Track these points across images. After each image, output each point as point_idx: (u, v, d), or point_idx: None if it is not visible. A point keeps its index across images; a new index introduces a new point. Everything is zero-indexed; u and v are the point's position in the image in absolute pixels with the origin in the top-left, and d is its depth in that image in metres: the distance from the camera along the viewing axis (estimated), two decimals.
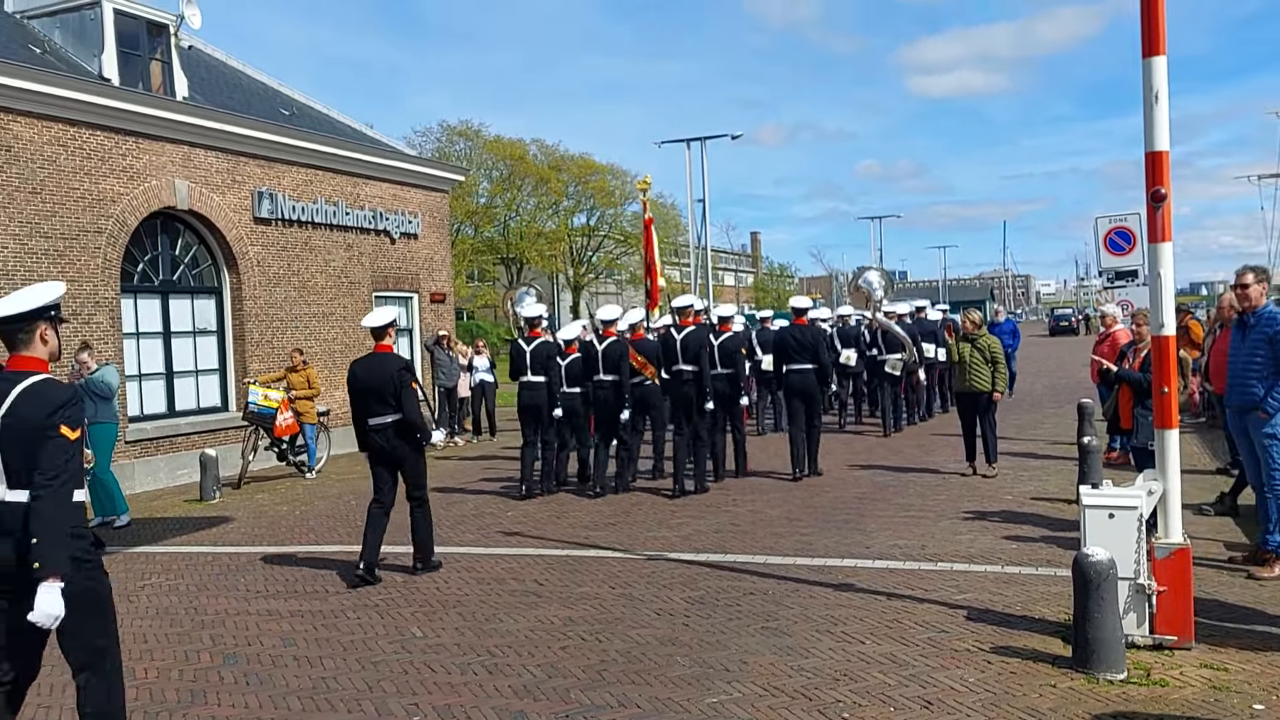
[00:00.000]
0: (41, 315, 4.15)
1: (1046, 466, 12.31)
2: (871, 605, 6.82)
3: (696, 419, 11.58)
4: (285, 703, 5.54)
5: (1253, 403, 7.17)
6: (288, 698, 5.60)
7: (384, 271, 19.60)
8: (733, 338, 12.25)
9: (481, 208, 48.13)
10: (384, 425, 8.17)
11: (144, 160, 14.72)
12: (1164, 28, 5.75)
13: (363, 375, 8.26)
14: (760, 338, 16.13)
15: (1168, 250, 5.87)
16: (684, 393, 11.57)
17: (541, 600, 7.30)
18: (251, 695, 5.67)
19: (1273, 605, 6.49)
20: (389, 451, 8.23)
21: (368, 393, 8.19)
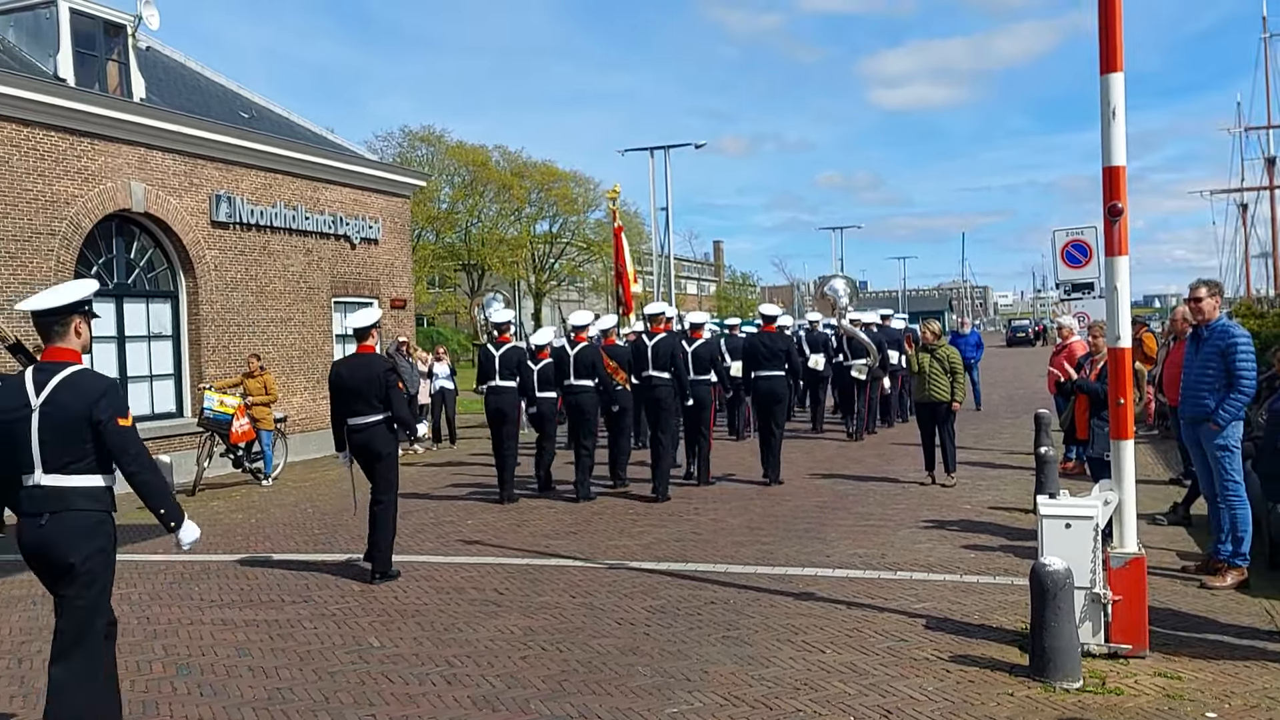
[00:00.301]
0: (76, 310, 4.57)
1: (1004, 476, 12.43)
2: (832, 614, 6.84)
3: (663, 423, 11.79)
4: (240, 713, 5.46)
5: (1205, 414, 7.28)
6: (242, 708, 5.52)
7: (344, 277, 19.45)
8: (704, 344, 12.53)
9: (443, 213, 47.95)
10: (364, 425, 8.26)
11: (99, 162, 14.51)
12: (1121, 44, 5.83)
13: (346, 375, 8.36)
14: (729, 344, 16.35)
15: (1124, 264, 5.94)
16: (653, 398, 11.82)
17: (501, 609, 7.25)
18: (205, 706, 5.58)
19: (1224, 614, 6.59)
20: (366, 451, 8.30)
21: (351, 392, 8.29)
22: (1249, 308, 32.17)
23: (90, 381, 4.48)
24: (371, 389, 8.22)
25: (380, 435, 8.31)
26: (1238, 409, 7.17)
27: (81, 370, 4.51)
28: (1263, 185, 57.61)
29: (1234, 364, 7.12)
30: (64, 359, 4.52)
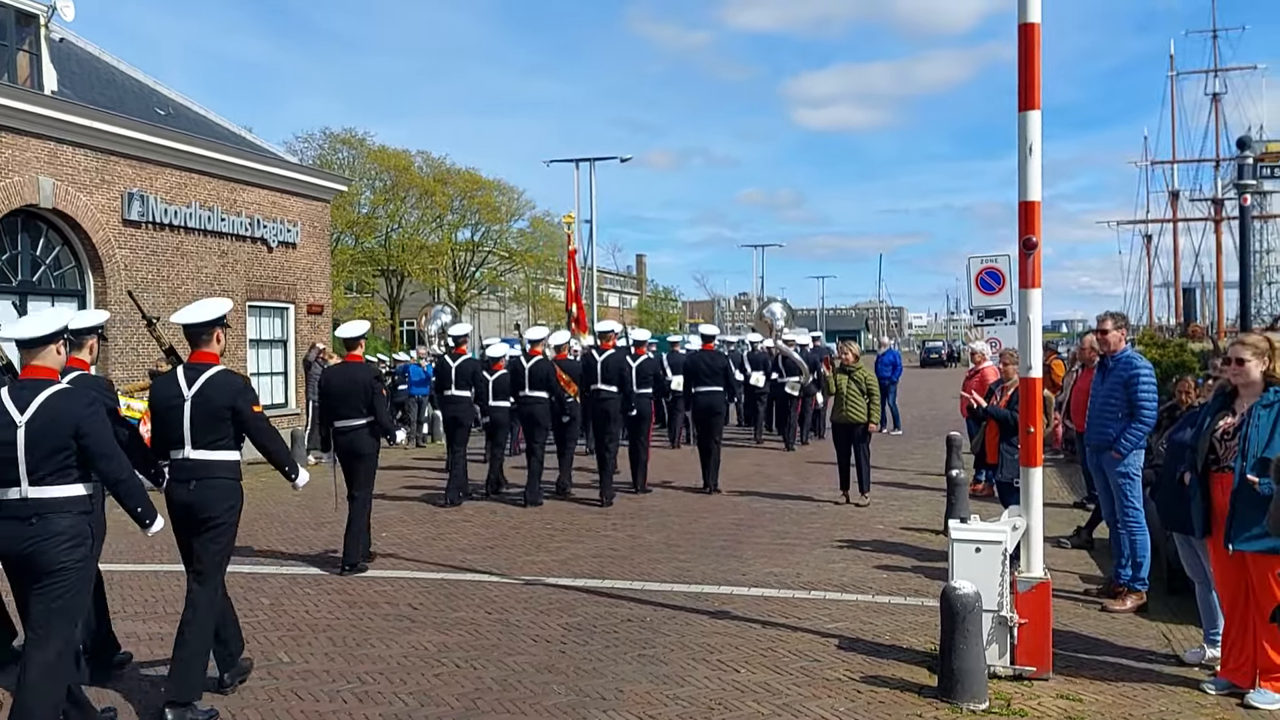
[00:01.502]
0: (218, 323, 5.80)
1: (916, 497, 12.67)
2: (747, 633, 6.90)
3: (608, 434, 12.43)
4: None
5: (1108, 442, 7.53)
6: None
7: (259, 281, 19.09)
8: (647, 360, 13.27)
9: (363, 218, 47.21)
10: (350, 428, 9.01)
11: (6, 155, 14.05)
12: (1039, 83, 6.02)
13: (336, 382, 9.17)
14: (671, 360, 17.22)
15: (1037, 296, 6.12)
16: (601, 409, 12.44)
17: (415, 625, 7.17)
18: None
19: (1123, 637, 6.80)
20: (350, 451, 9.03)
21: (338, 398, 9.06)
22: (1151, 337, 33.29)
23: (231, 379, 5.70)
24: (358, 395, 8.98)
25: (363, 438, 9.05)
26: (1139, 438, 7.43)
27: (223, 370, 5.73)
28: (1166, 218, 59.90)
29: (1136, 395, 7.37)
30: (209, 361, 5.70)
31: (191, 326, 5.71)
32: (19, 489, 4.71)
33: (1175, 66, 58.57)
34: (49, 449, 4.71)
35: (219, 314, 5.76)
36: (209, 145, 17.98)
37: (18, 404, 4.75)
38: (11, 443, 4.69)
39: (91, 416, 4.82)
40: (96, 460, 4.81)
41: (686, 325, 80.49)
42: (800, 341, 19.37)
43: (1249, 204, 13.99)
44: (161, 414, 5.65)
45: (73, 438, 4.72)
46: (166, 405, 5.64)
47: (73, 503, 4.80)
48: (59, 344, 5.02)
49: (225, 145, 18.67)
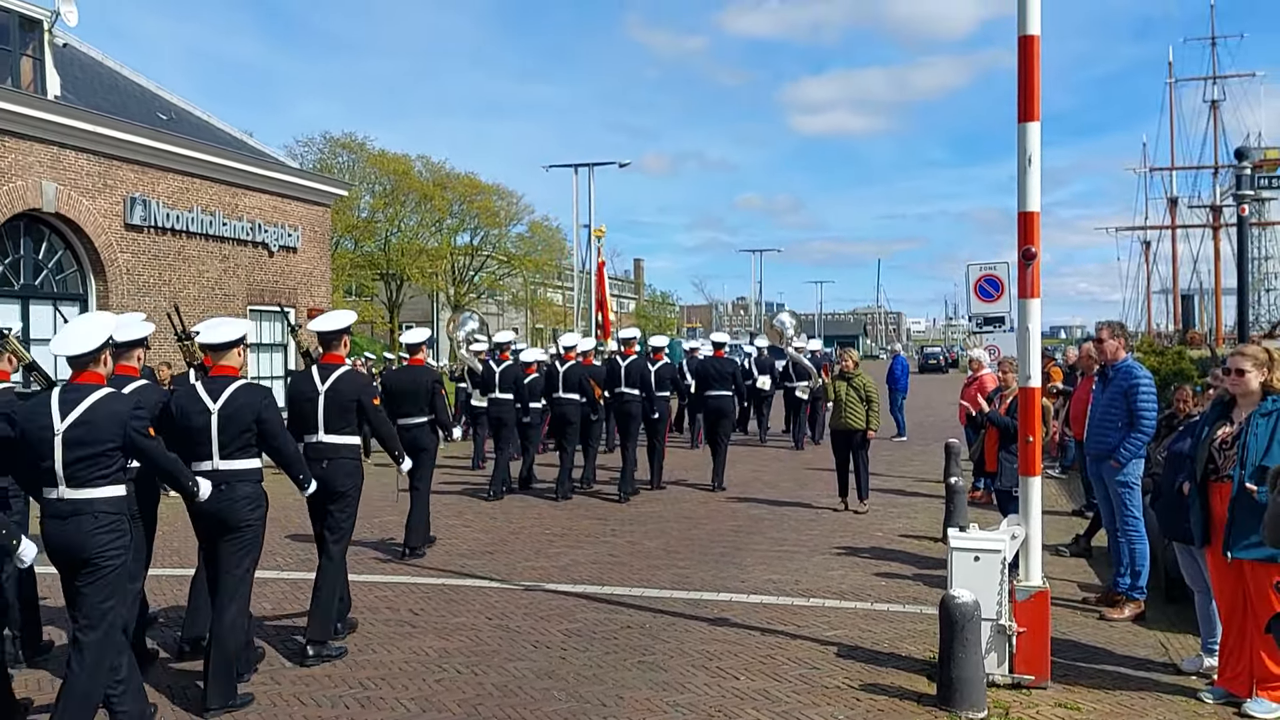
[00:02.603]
0: (346, 330, 6.96)
1: (915, 504, 12.69)
2: (746, 640, 6.93)
3: (630, 434, 13.26)
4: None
5: (1108, 451, 7.56)
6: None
7: (260, 285, 19.13)
8: (664, 365, 13.94)
9: (362, 222, 47.27)
10: (413, 425, 9.75)
11: (9, 160, 14.09)
12: (1039, 95, 6.06)
13: (400, 383, 9.99)
14: (686, 366, 17.94)
15: (1036, 306, 6.16)
16: (625, 411, 13.30)
17: (416, 631, 7.20)
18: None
19: (1122, 646, 6.83)
20: (413, 446, 9.58)
21: (402, 396, 9.83)
22: (1150, 344, 33.33)
23: (358, 376, 6.88)
24: (421, 395, 9.82)
25: (425, 434, 9.91)
26: (1138, 447, 7.46)
27: (350, 370, 6.85)
28: (1165, 224, 59.99)
29: (1136, 404, 7.41)
30: (338, 362, 6.88)
31: (326, 334, 6.81)
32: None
33: (1174, 73, 58.72)
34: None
35: (346, 324, 6.89)
36: (211, 150, 18.03)
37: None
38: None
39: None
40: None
41: (684, 330, 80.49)
42: (810, 348, 20.68)
43: (1247, 213, 14.04)
44: (299, 406, 6.81)
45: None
46: (304, 399, 6.81)
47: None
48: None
49: (227, 150, 18.72)
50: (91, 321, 5.31)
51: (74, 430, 4.86)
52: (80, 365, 5.06)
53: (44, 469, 4.90)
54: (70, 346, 5.05)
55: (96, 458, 4.89)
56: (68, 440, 4.86)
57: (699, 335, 56.93)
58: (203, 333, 6.15)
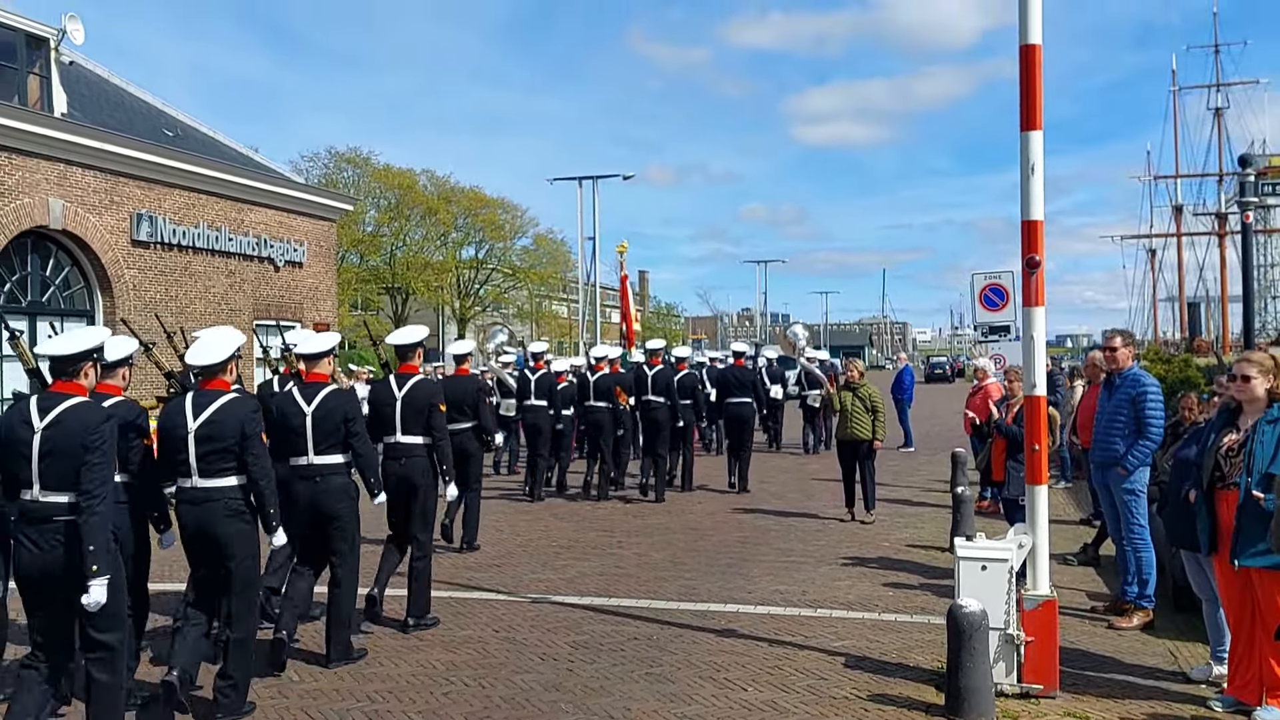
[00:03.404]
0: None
1: (921, 514, 12.67)
2: (753, 651, 6.92)
3: (660, 440, 13.85)
4: None
5: (1114, 459, 7.55)
6: None
7: (266, 300, 19.19)
8: (688, 375, 14.59)
9: (368, 236, 47.40)
10: (460, 430, 10.00)
11: (16, 177, 14.16)
12: (1041, 104, 6.07)
13: (447, 391, 9.86)
14: (707, 375, 18.35)
15: (1040, 314, 6.16)
16: (652, 418, 13.91)
17: (424, 644, 7.20)
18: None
19: (1130, 655, 6.81)
20: (461, 451, 9.91)
21: (450, 404, 9.61)
22: (1156, 352, 33.27)
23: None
24: (466, 402, 10.23)
25: (470, 439, 10.32)
26: (1145, 455, 7.45)
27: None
28: (1170, 232, 59.98)
29: (1144, 412, 7.40)
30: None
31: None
32: (307, 457, 6.54)
33: (1177, 81, 58.78)
34: (331, 430, 6.45)
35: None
36: (217, 166, 18.11)
37: (305, 400, 6.58)
38: (303, 422, 6.52)
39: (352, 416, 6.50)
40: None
41: (689, 341, 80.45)
42: (821, 358, 21.76)
43: (1251, 220, 14.03)
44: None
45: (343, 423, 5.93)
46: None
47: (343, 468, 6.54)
48: (329, 358, 6.51)
49: (232, 166, 18.81)
50: (221, 335, 6.09)
51: (204, 429, 5.67)
52: (211, 374, 5.87)
53: (180, 461, 5.71)
54: (203, 357, 5.87)
55: (222, 452, 5.66)
56: (199, 437, 5.67)
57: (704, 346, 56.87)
58: (299, 344, 7.10)
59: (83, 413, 4.91)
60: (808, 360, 20.28)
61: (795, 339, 20.40)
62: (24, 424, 4.90)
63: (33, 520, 4.87)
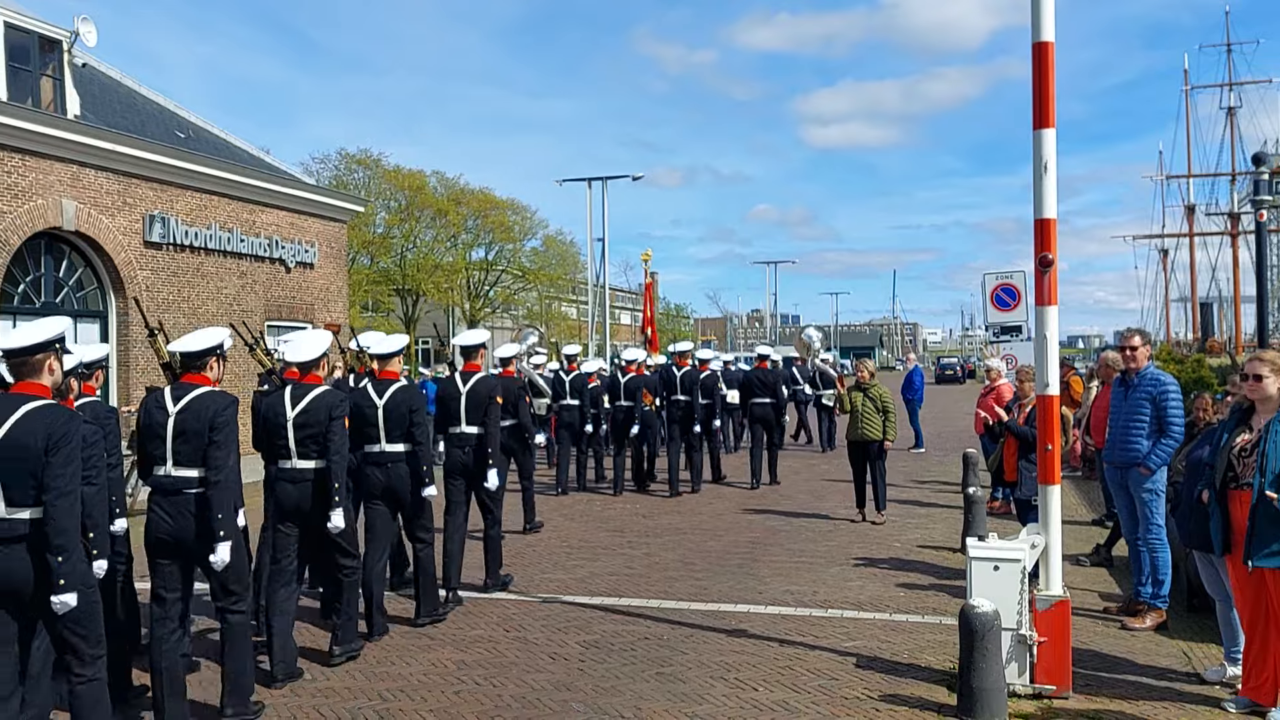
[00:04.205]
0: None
1: (933, 514, 12.64)
2: (764, 651, 6.91)
3: (689, 436, 14.70)
4: None
5: (1135, 459, 7.51)
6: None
7: (278, 301, 19.24)
8: (710, 375, 15.28)
9: (378, 238, 47.47)
10: (504, 427, 10.15)
11: (30, 178, 14.23)
12: (1054, 102, 6.06)
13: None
14: (727, 376, 18.76)
15: (1053, 313, 6.14)
16: (678, 415, 14.69)
17: (435, 643, 7.21)
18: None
19: (1144, 655, 6.78)
20: (505, 448, 10.46)
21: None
22: (1169, 353, 33.13)
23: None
24: (509, 402, 10.77)
25: (516, 435, 11.06)
26: (1168, 454, 7.41)
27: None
28: (1183, 232, 59.74)
29: (1166, 411, 7.37)
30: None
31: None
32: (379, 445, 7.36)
33: (1189, 80, 58.62)
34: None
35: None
36: (228, 167, 18.16)
37: (377, 393, 7.37)
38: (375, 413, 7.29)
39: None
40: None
41: (699, 343, 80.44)
42: (833, 359, 22.74)
43: (1265, 219, 13.96)
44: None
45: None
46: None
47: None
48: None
49: (244, 167, 18.86)
50: (315, 336, 6.90)
51: (300, 416, 6.45)
52: (306, 369, 6.65)
53: (279, 445, 6.47)
54: (300, 355, 6.65)
55: (315, 438, 6.43)
56: (297, 424, 6.46)
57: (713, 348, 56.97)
58: (373, 345, 7.91)
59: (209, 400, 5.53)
60: (821, 361, 21.45)
61: (810, 341, 21.87)
62: (160, 409, 5.55)
63: (166, 492, 5.50)
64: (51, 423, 4.50)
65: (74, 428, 4.56)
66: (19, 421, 4.47)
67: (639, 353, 16.00)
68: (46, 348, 4.68)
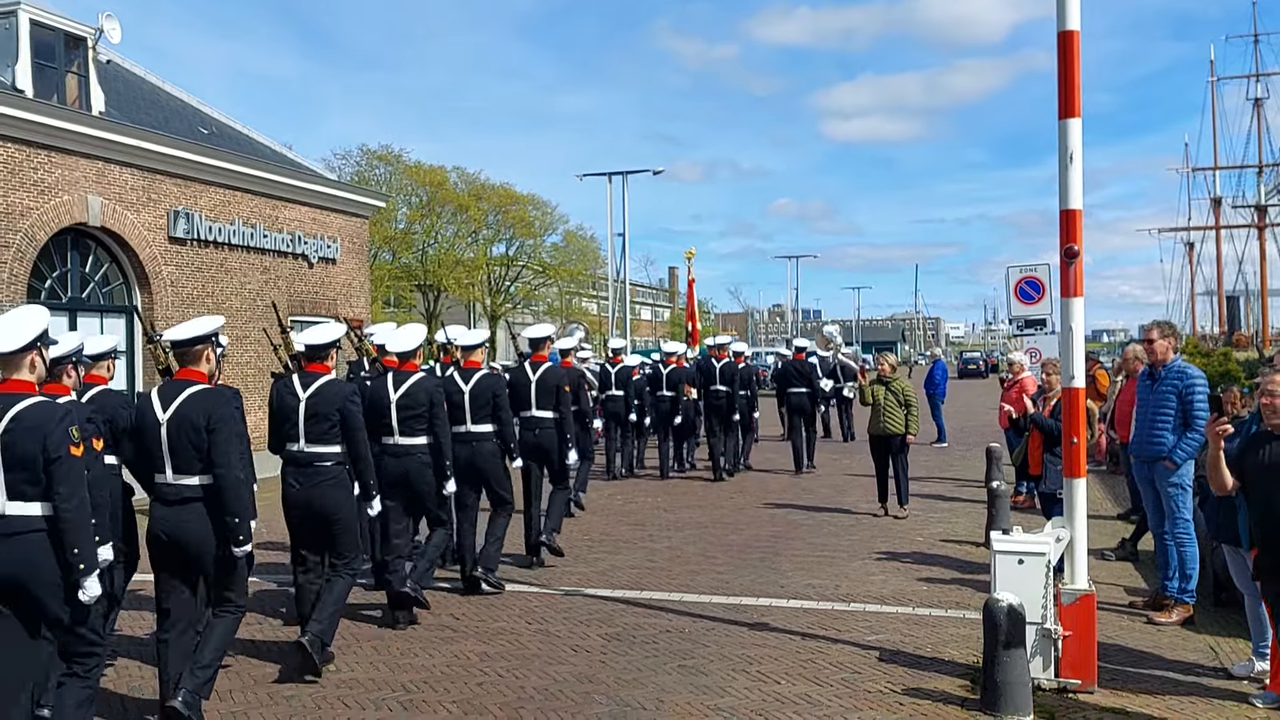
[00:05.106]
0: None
1: (955, 509, 12.58)
2: (786, 645, 6.90)
3: (726, 424, 15.61)
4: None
5: (1160, 453, 7.45)
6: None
7: (301, 296, 19.33)
8: (746, 368, 16.20)
9: (400, 233, 47.62)
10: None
11: (56, 174, 14.34)
12: (1079, 91, 6.01)
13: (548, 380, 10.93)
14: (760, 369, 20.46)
15: (1079, 305, 6.09)
16: (717, 406, 15.55)
17: (457, 635, 7.23)
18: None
19: (1170, 650, 6.73)
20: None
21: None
22: (1196, 346, 32.83)
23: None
24: (573, 389, 11.10)
25: (577, 420, 11.14)
26: (1193, 449, 7.32)
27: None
28: (1209, 225, 59.08)
29: (1191, 405, 7.30)
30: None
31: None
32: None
33: (1215, 72, 57.91)
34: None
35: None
36: (251, 163, 18.24)
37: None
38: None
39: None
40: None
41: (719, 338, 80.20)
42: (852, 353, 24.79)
43: None
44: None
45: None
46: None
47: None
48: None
49: (267, 163, 18.94)
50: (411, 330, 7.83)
51: (403, 399, 7.41)
52: (405, 358, 7.60)
53: (385, 424, 7.09)
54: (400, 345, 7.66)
55: (418, 417, 7.38)
56: (399, 405, 7.42)
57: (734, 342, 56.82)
58: (459, 338, 8.74)
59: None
60: (844, 355, 22.53)
61: (831, 337, 22.97)
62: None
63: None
64: (211, 404, 5.30)
65: (230, 410, 5.37)
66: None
67: (679, 346, 17.03)
68: (205, 340, 5.52)
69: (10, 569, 4.42)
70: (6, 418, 4.44)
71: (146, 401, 5.43)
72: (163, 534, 5.34)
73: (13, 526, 4.43)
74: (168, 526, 5.33)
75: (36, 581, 4.45)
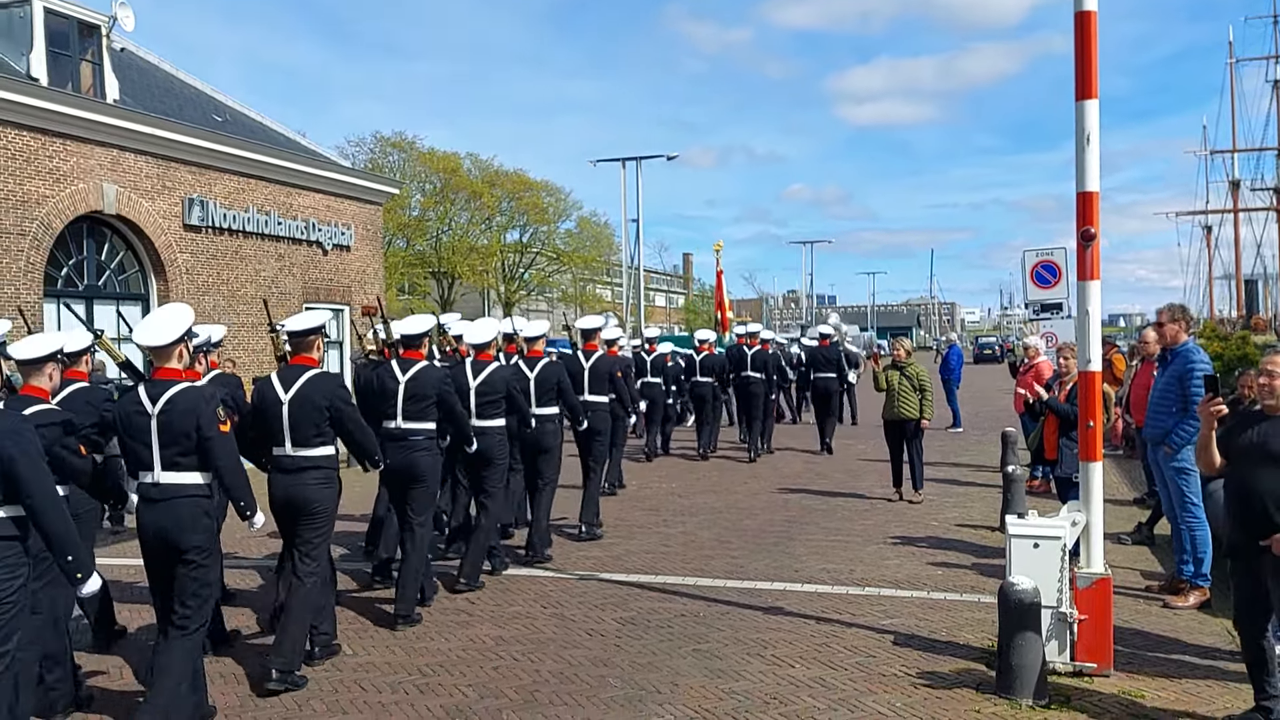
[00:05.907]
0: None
1: (970, 493, 12.55)
2: (801, 629, 6.91)
3: (756, 408, 16.23)
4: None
5: (1162, 436, 7.42)
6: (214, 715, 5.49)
7: (315, 283, 19.39)
8: (774, 355, 17.02)
9: (414, 220, 47.67)
10: (598, 404, 10.72)
11: (71, 162, 14.40)
12: (1096, 72, 5.96)
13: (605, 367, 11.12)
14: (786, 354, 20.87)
15: (1096, 288, 6.06)
16: (749, 391, 16.23)
17: (473, 619, 7.26)
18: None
19: (1186, 634, 6.71)
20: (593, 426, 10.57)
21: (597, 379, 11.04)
22: (1213, 330, 32.62)
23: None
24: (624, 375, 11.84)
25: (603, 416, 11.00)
26: (1191, 433, 7.20)
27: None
28: (1227, 208, 58.54)
29: (1190, 389, 7.24)
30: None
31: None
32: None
33: (1234, 54, 57.29)
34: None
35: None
36: (265, 151, 18.28)
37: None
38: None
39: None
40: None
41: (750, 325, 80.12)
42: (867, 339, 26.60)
43: None
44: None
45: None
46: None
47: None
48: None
49: (281, 150, 18.98)
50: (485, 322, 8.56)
51: (482, 385, 8.05)
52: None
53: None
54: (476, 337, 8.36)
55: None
56: (478, 391, 8.01)
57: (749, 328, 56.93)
58: (523, 329, 9.41)
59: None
60: (849, 343, 24.40)
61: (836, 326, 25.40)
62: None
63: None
64: (328, 386, 6.17)
65: (347, 394, 6.27)
66: (306, 384, 6.11)
67: (710, 334, 17.53)
68: (317, 331, 6.29)
69: (163, 525, 5.15)
70: (161, 400, 5.15)
71: (267, 383, 6.24)
72: (280, 496, 6.17)
73: (166, 493, 5.16)
74: (284, 491, 6.15)
75: (183, 539, 5.14)
